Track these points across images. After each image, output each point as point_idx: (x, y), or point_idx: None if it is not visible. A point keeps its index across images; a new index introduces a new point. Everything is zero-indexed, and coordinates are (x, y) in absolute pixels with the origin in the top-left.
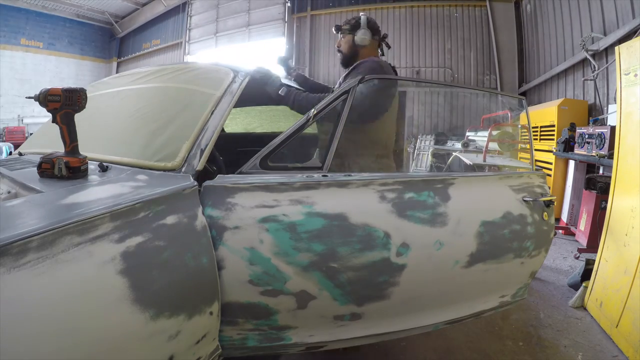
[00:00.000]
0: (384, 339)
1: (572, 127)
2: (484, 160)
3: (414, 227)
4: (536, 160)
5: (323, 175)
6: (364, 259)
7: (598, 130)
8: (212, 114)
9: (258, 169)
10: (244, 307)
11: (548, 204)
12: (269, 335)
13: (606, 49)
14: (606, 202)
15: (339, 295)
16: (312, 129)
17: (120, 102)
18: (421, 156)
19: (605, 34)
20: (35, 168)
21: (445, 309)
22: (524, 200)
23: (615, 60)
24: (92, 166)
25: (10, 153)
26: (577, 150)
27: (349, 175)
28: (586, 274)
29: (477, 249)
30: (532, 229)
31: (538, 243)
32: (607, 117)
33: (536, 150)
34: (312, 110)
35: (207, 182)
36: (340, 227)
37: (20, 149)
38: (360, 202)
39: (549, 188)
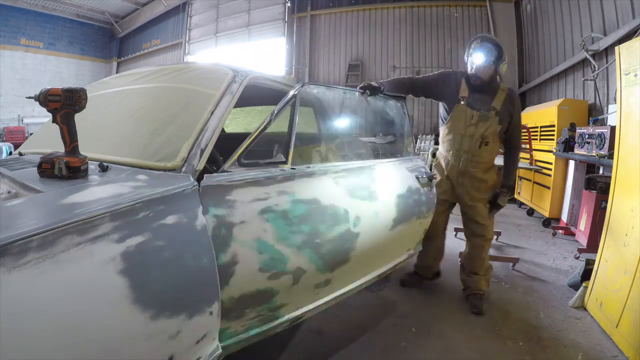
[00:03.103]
0: (342, 299)
1: (572, 127)
2: None
3: (361, 203)
4: (536, 160)
5: (292, 168)
6: (335, 232)
7: (598, 130)
8: (212, 114)
9: (237, 166)
10: (253, 295)
11: (430, 178)
12: (267, 318)
13: (606, 49)
14: (606, 202)
15: (321, 266)
16: (273, 129)
17: (120, 102)
18: (421, 156)
19: (605, 34)
20: (36, 168)
21: (378, 265)
22: (416, 177)
23: (615, 60)
24: (92, 166)
25: (10, 153)
26: (577, 150)
27: (309, 167)
28: (586, 274)
29: (396, 215)
30: (424, 197)
31: (428, 207)
32: (607, 117)
33: (536, 150)
34: (272, 112)
35: (203, 182)
36: (317, 209)
37: (21, 149)
38: (324, 187)
39: (430, 169)
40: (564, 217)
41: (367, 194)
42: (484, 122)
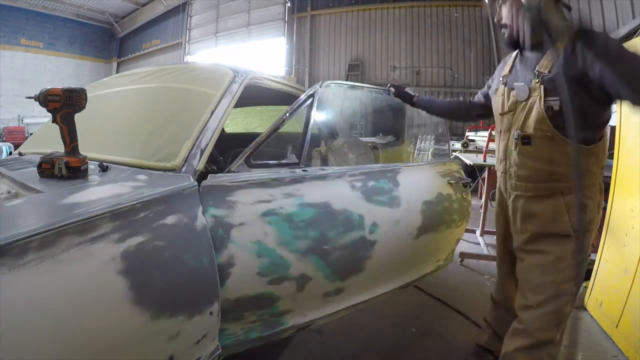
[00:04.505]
0: (357, 309)
1: None
2: (484, 160)
3: (379, 209)
4: None
5: (303, 170)
6: (347, 239)
7: None
8: (212, 114)
9: (245, 167)
10: (252, 299)
11: (465, 184)
12: (270, 323)
13: None
14: (606, 202)
15: (329, 274)
16: (286, 129)
17: (120, 102)
18: (421, 156)
19: None
20: (35, 168)
21: (400, 275)
22: (449, 183)
23: None
24: (92, 166)
25: (10, 153)
26: None
27: (323, 169)
28: (586, 274)
29: (422, 224)
30: (457, 204)
31: (461, 215)
32: None
33: None
34: (286, 111)
35: (205, 182)
36: (327, 214)
37: (20, 149)
38: (337, 191)
39: (465, 173)
40: None
41: (388, 200)
42: (522, 104)
